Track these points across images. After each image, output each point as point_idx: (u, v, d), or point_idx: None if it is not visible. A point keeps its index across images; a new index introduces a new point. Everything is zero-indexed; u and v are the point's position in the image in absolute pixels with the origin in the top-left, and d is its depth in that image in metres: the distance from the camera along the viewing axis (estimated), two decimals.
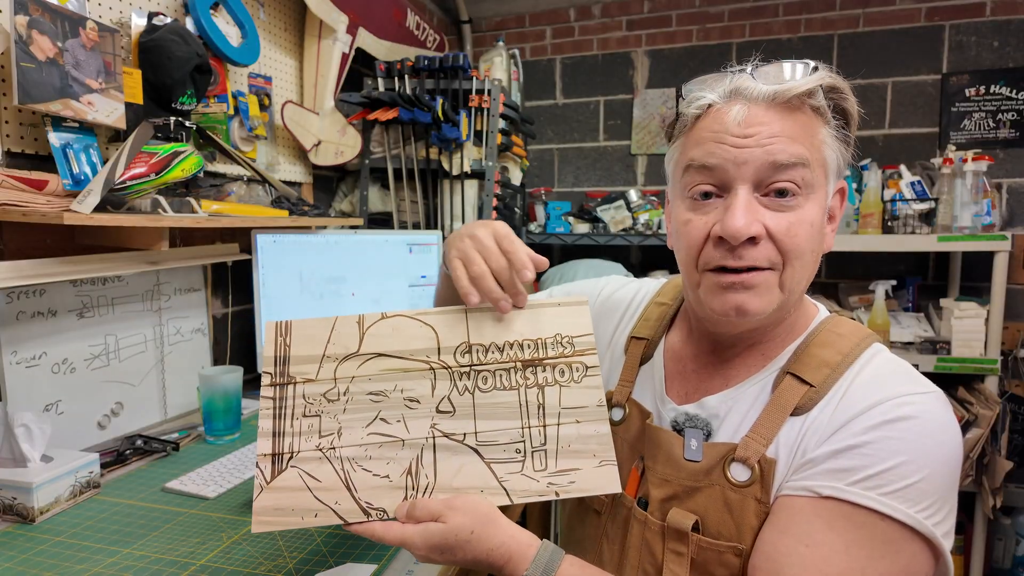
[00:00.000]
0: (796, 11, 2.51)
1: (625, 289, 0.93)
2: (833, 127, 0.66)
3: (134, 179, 1.18)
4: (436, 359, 0.72)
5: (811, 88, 0.64)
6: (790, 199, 0.64)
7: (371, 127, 2.18)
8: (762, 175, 0.64)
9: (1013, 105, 2.29)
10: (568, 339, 0.73)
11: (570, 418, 0.70)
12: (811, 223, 0.65)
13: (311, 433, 0.68)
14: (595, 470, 0.69)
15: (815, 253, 0.67)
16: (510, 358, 0.72)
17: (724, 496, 0.66)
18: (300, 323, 0.72)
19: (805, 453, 0.63)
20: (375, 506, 0.66)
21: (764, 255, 0.65)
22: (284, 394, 0.70)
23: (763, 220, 0.64)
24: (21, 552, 0.90)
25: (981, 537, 2.12)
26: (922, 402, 0.61)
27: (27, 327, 1.20)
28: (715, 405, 0.71)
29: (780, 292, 0.66)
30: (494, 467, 0.68)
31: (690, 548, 0.67)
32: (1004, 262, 2.00)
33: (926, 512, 0.58)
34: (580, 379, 0.72)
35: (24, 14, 1.06)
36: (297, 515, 0.66)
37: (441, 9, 2.84)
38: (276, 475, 0.67)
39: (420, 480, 0.67)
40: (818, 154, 0.65)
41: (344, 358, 0.71)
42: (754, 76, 0.65)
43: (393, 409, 0.70)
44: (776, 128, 0.63)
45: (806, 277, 0.68)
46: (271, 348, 0.71)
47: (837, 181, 0.69)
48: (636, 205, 2.51)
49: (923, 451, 0.59)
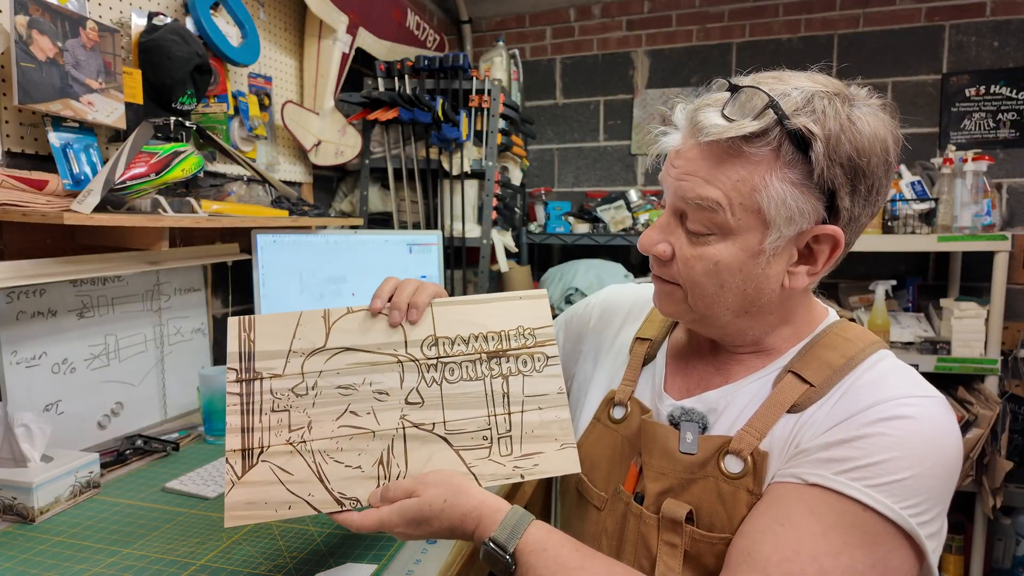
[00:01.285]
0: (796, 11, 2.51)
1: (624, 294, 0.95)
2: (796, 172, 0.60)
3: (134, 179, 1.18)
4: (404, 352, 0.74)
5: (749, 132, 0.59)
6: (701, 236, 0.66)
7: (371, 127, 2.18)
8: (678, 205, 0.67)
9: (1013, 105, 2.29)
10: (530, 331, 0.77)
11: (533, 405, 0.74)
12: (716, 262, 0.65)
13: (281, 428, 0.70)
14: (557, 453, 0.73)
15: (728, 288, 0.66)
16: (475, 350, 0.76)
17: (717, 488, 0.67)
18: (264, 318, 0.74)
19: (798, 446, 0.64)
20: (348, 496, 0.69)
21: (668, 272, 0.70)
22: (251, 390, 0.71)
23: (675, 243, 0.68)
24: (21, 552, 0.90)
25: (981, 537, 2.13)
26: (922, 404, 0.61)
27: (27, 327, 1.20)
28: (714, 399, 0.72)
29: (690, 309, 0.70)
30: (463, 454, 0.72)
31: (684, 540, 0.67)
32: (1004, 262, 2.00)
33: (912, 510, 0.58)
34: (542, 368, 0.76)
35: (24, 14, 1.06)
36: (270, 508, 0.67)
37: (441, 9, 2.84)
38: (247, 470, 0.68)
39: (392, 469, 0.70)
40: (746, 200, 0.61)
41: (311, 353, 0.73)
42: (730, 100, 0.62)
43: (363, 402, 0.72)
44: (692, 167, 0.64)
45: (723, 304, 0.68)
46: (235, 344, 0.72)
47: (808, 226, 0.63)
48: (636, 205, 2.51)
49: (916, 450, 0.59)
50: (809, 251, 0.66)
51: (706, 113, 0.62)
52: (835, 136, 0.60)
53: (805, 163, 0.60)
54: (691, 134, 0.65)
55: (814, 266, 0.67)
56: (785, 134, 0.60)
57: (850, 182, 0.62)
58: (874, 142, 0.62)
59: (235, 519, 0.67)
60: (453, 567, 0.88)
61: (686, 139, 0.66)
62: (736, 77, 0.65)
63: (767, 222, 0.63)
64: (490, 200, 2.15)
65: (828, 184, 0.61)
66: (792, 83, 0.63)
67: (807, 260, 0.67)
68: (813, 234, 0.64)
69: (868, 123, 0.62)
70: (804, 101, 0.60)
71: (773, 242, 0.63)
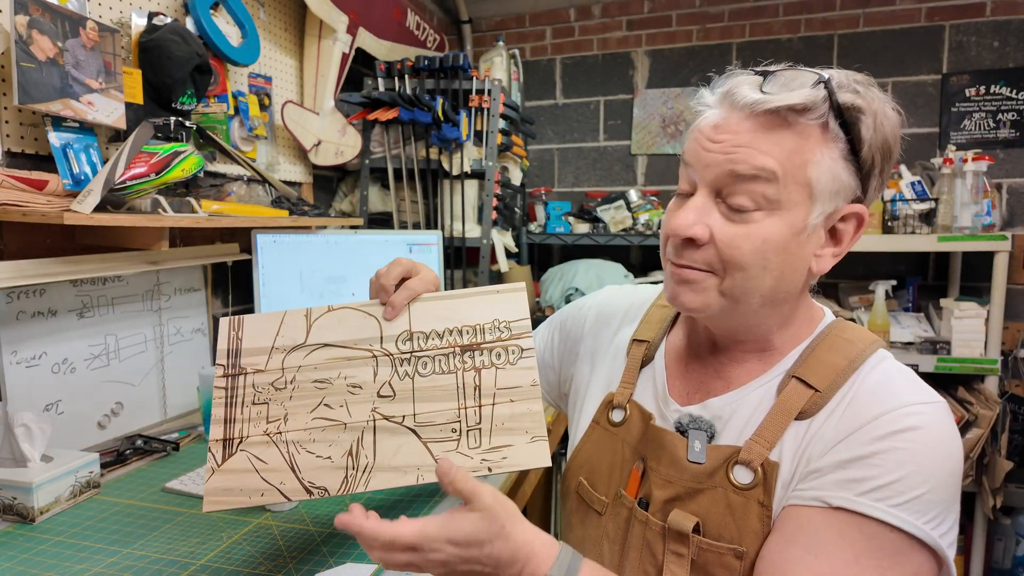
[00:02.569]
0: (796, 11, 2.51)
1: (619, 296, 0.94)
2: (839, 148, 0.62)
3: (134, 179, 1.18)
4: (379, 347, 0.76)
5: (800, 103, 0.60)
6: (745, 212, 0.63)
7: (371, 127, 2.18)
8: (721, 183, 0.64)
9: (1013, 105, 2.29)
10: (505, 324, 0.77)
11: (505, 398, 0.74)
12: (764, 239, 0.63)
13: (259, 419, 0.73)
14: (527, 446, 0.72)
15: (768, 270, 0.64)
16: (449, 344, 0.76)
17: (727, 499, 0.66)
18: (251, 318, 0.78)
19: (810, 461, 0.63)
20: (317, 485, 0.71)
21: (702, 258, 0.66)
22: (235, 384, 0.75)
23: (711, 225, 0.65)
24: (21, 552, 0.90)
25: (981, 537, 2.13)
26: (927, 412, 0.61)
27: (27, 327, 1.20)
28: (719, 407, 0.71)
29: (720, 297, 0.67)
30: (430, 446, 0.73)
31: (690, 549, 0.66)
32: (1004, 262, 2.00)
33: (933, 523, 0.59)
34: (516, 361, 0.76)
35: (24, 14, 1.06)
36: (244, 495, 0.70)
37: (441, 9, 2.84)
38: (227, 458, 0.72)
39: (360, 460, 0.72)
40: (798, 173, 0.62)
41: (291, 349, 0.76)
42: (766, 81, 0.64)
43: (337, 395, 0.74)
44: (745, 139, 0.63)
45: (758, 289, 0.65)
46: (224, 342, 0.77)
47: (843, 205, 0.65)
48: (636, 205, 2.51)
49: (929, 462, 0.59)
50: (833, 232, 0.67)
51: (751, 88, 0.63)
52: (878, 116, 0.63)
53: (847, 140, 0.62)
54: (735, 108, 0.64)
55: (839, 247, 0.68)
56: (832, 109, 0.61)
57: (882, 162, 0.65)
58: (896, 130, 0.65)
59: (213, 504, 0.70)
60: None
61: (728, 115, 0.65)
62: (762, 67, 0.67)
63: (813, 196, 0.63)
64: (490, 200, 2.15)
65: (868, 162, 0.63)
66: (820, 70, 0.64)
67: (832, 241, 0.68)
68: (844, 212, 0.65)
69: (892, 111, 0.65)
70: (846, 81, 0.63)
71: (815, 219, 0.64)
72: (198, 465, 1.22)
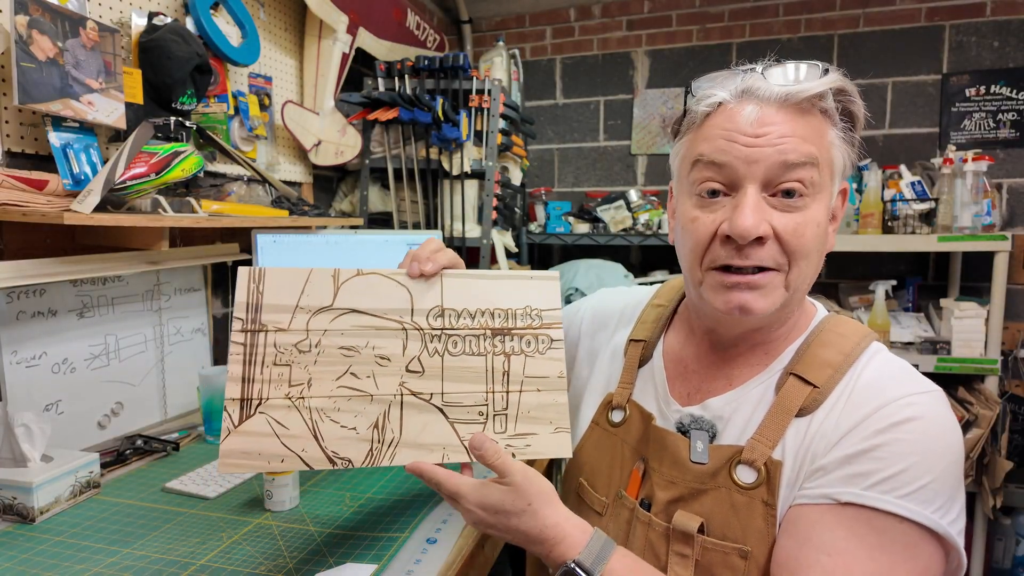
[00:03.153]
0: (796, 11, 2.51)
1: (614, 297, 0.94)
2: (840, 129, 0.67)
3: (134, 179, 1.18)
4: (409, 320, 0.74)
5: (822, 91, 0.64)
6: (797, 199, 0.64)
7: (371, 127, 2.18)
8: (772, 174, 0.64)
9: (1013, 105, 2.29)
10: (537, 311, 0.77)
11: (532, 386, 0.74)
12: (817, 223, 0.65)
13: (281, 382, 0.70)
14: (551, 436, 0.73)
15: (820, 253, 0.68)
16: (481, 325, 0.75)
17: (731, 498, 0.66)
18: (274, 271, 0.73)
19: (815, 459, 0.63)
20: (341, 456, 0.69)
21: (770, 255, 0.65)
22: (255, 341, 0.71)
23: (770, 220, 0.64)
24: (21, 552, 0.90)
25: (981, 537, 2.13)
26: (925, 402, 0.62)
27: (27, 327, 1.20)
28: (720, 407, 0.71)
29: (785, 291, 0.67)
30: (457, 427, 0.72)
31: (695, 550, 0.66)
32: (1004, 262, 2.00)
33: (940, 511, 0.59)
34: (545, 351, 0.76)
35: (24, 14, 1.06)
36: (264, 459, 0.68)
37: (441, 9, 2.84)
38: (244, 419, 0.68)
39: (386, 435, 0.71)
40: (827, 155, 0.66)
41: (317, 311, 0.73)
42: (765, 76, 0.66)
43: (364, 364, 0.72)
44: (787, 128, 0.64)
45: (811, 276, 0.68)
46: (243, 294, 0.72)
47: (841, 182, 0.70)
48: (636, 205, 2.51)
49: (931, 451, 0.60)
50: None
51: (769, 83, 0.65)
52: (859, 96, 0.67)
53: (847, 121, 0.67)
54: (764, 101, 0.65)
55: (835, 223, 0.71)
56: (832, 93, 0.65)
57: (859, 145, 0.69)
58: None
59: (229, 466, 0.67)
60: (453, 567, 0.87)
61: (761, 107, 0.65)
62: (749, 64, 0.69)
63: (834, 176, 0.68)
64: (490, 200, 2.15)
65: (858, 139, 0.68)
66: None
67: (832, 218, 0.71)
68: (842, 187, 0.70)
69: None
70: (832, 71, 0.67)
71: (834, 197, 0.69)
72: (198, 465, 1.22)
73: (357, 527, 0.97)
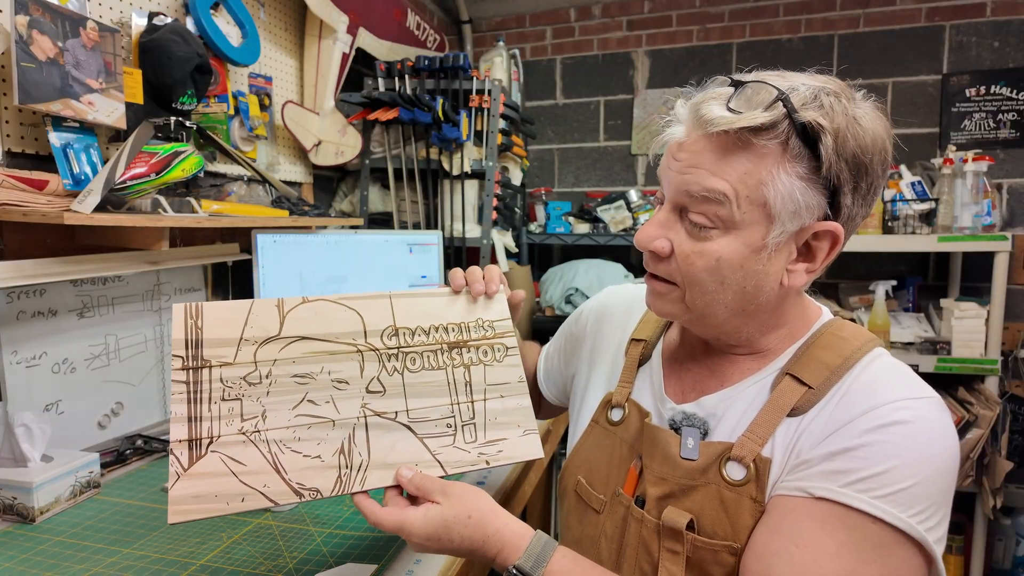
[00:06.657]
0: (796, 11, 2.51)
1: (619, 295, 0.95)
2: (803, 166, 0.60)
3: (134, 179, 1.18)
4: (363, 341, 0.74)
5: (757, 124, 0.59)
6: (703, 230, 0.64)
7: (371, 127, 2.18)
8: (679, 200, 0.66)
9: (1013, 105, 2.29)
10: (488, 323, 0.80)
11: (495, 393, 0.76)
12: (718, 257, 0.64)
13: (232, 417, 0.68)
14: (520, 439, 0.75)
15: (728, 286, 0.65)
16: (436, 340, 0.77)
17: (720, 495, 0.66)
18: (212, 306, 0.71)
19: (800, 454, 0.63)
20: (307, 486, 0.67)
21: (665, 270, 0.69)
22: (199, 378, 0.68)
23: (673, 239, 0.67)
24: (21, 552, 0.90)
25: (981, 537, 2.13)
26: (919, 407, 0.61)
27: (27, 327, 1.20)
28: (713, 404, 0.71)
29: (685, 308, 0.69)
30: (427, 441, 0.72)
31: (685, 547, 0.67)
32: (1004, 262, 2.00)
33: (919, 517, 0.58)
34: (502, 358, 0.78)
35: (24, 14, 1.06)
36: (221, 501, 0.64)
37: (441, 9, 2.84)
38: (194, 461, 0.65)
39: (354, 459, 0.70)
40: (752, 193, 0.61)
41: (264, 341, 0.71)
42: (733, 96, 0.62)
43: (321, 390, 0.71)
44: (698, 159, 0.63)
45: (721, 303, 0.66)
46: (180, 331, 0.69)
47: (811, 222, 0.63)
48: (636, 205, 2.51)
49: (918, 456, 0.59)
50: (807, 248, 0.66)
51: (712, 105, 0.62)
52: (843, 131, 0.60)
53: (811, 158, 0.60)
54: (696, 126, 0.64)
55: (812, 263, 0.67)
56: (794, 127, 0.60)
57: (853, 179, 0.62)
58: (876, 140, 0.63)
59: (180, 514, 0.62)
60: (453, 567, 0.88)
61: (690, 132, 0.65)
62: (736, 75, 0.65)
63: (772, 216, 0.62)
64: (490, 200, 2.15)
65: (834, 180, 0.61)
66: (797, 80, 0.63)
67: (806, 257, 0.66)
68: (814, 230, 0.64)
69: (870, 121, 0.63)
70: (812, 96, 0.61)
71: (776, 237, 0.63)
72: None
73: (357, 527, 0.97)
